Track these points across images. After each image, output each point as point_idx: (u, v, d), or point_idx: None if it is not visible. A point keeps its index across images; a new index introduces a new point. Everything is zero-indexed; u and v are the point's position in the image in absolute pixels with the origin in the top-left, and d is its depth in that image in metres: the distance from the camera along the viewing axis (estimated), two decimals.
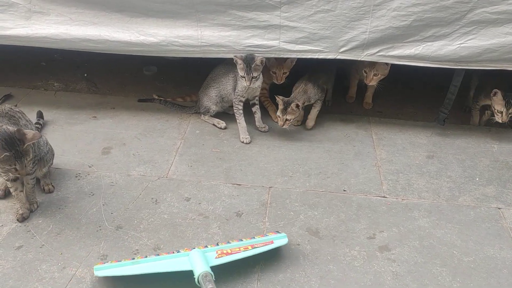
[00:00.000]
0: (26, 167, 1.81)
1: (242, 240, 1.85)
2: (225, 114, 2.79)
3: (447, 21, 2.30)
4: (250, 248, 1.78)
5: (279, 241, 1.84)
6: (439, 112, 2.69)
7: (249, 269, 1.76)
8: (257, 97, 2.65)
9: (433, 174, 2.36)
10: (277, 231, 1.91)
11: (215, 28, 2.45)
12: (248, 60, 2.40)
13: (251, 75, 2.41)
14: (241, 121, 2.59)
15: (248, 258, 1.76)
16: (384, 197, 2.19)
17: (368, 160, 2.45)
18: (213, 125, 2.71)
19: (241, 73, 2.42)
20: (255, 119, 2.68)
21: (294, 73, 2.71)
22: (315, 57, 2.48)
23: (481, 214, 2.10)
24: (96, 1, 2.41)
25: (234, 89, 2.59)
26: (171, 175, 2.29)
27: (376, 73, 2.67)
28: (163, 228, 1.96)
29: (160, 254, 1.77)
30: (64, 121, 2.69)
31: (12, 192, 1.98)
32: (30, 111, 2.49)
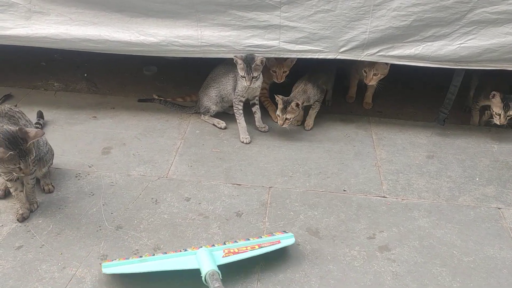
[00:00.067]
0: (30, 166, 1.81)
1: (249, 239, 1.85)
2: (225, 114, 2.79)
3: (447, 21, 2.30)
4: (257, 247, 1.78)
5: (286, 240, 1.84)
6: (439, 112, 2.69)
7: (249, 269, 1.76)
8: (257, 97, 2.65)
9: (433, 174, 2.36)
10: (284, 231, 1.91)
11: (215, 28, 2.45)
12: (248, 60, 2.40)
13: (252, 75, 2.41)
14: (241, 121, 2.59)
15: (248, 258, 1.75)
16: (384, 197, 2.19)
17: (368, 160, 2.46)
18: (213, 125, 2.71)
19: (242, 73, 2.42)
20: (255, 119, 2.68)
21: (294, 73, 2.71)
22: (315, 57, 2.48)
23: (481, 214, 2.11)
24: (96, 1, 2.42)
25: (234, 89, 2.59)
26: (171, 175, 2.29)
27: (375, 73, 2.67)
28: (163, 228, 1.96)
29: (167, 252, 1.78)
30: (64, 121, 2.69)
31: (12, 192, 1.98)
32: (30, 111, 2.50)
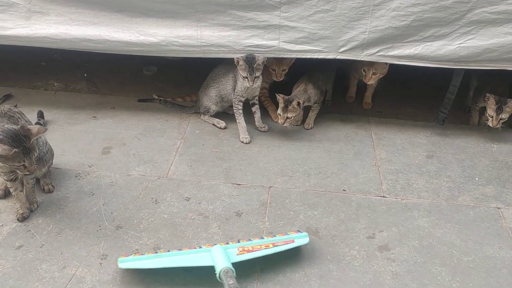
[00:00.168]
0: (34, 163, 1.81)
1: (263, 237, 1.86)
2: (225, 114, 2.79)
3: (446, 21, 2.30)
4: (271, 246, 1.78)
5: (300, 240, 1.84)
6: (439, 112, 2.70)
7: (249, 269, 1.76)
8: (257, 97, 2.65)
9: (432, 174, 2.37)
10: (298, 230, 1.91)
11: (215, 28, 2.45)
12: (249, 60, 2.40)
13: (254, 75, 2.41)
14: (240, 121, 2.59)
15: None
16: (383, 196, 2.20)
17: (367, 160, 2.46)
18: (213, 125, 2.71)
19: (243, 73, 2.42)
20: (255, 119, 2.69)
21: (294, 73, 2.71)
22: (315, 57, 2.49)
23: (481, 213, 2.11)
24: (96, 1, 2.42)
25: (233, 89, 2.59)
26: (171, 175, 2.29)
27: (375, 72, 2.67)
28: (163, 227, 1.96)
29: (182, 249, 1.79)
30: (64, 121, 2.69)
31: (12, 192, 1.98)
32: (30, 111, 2.50)
